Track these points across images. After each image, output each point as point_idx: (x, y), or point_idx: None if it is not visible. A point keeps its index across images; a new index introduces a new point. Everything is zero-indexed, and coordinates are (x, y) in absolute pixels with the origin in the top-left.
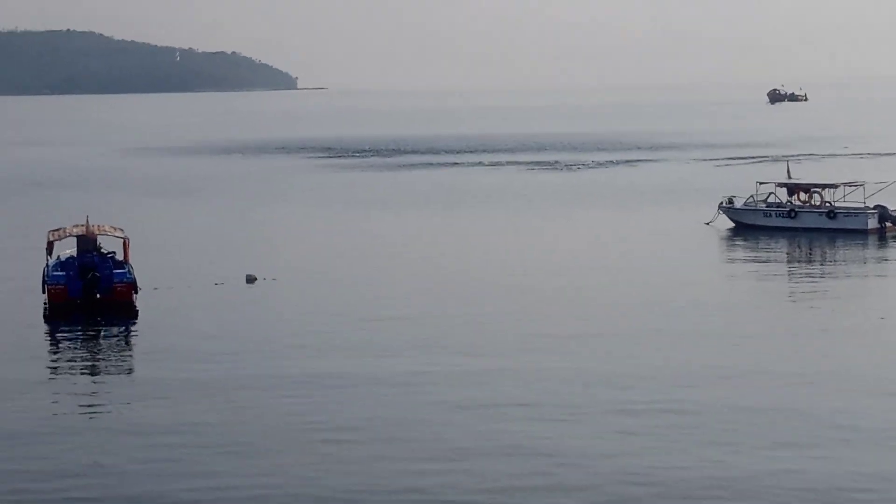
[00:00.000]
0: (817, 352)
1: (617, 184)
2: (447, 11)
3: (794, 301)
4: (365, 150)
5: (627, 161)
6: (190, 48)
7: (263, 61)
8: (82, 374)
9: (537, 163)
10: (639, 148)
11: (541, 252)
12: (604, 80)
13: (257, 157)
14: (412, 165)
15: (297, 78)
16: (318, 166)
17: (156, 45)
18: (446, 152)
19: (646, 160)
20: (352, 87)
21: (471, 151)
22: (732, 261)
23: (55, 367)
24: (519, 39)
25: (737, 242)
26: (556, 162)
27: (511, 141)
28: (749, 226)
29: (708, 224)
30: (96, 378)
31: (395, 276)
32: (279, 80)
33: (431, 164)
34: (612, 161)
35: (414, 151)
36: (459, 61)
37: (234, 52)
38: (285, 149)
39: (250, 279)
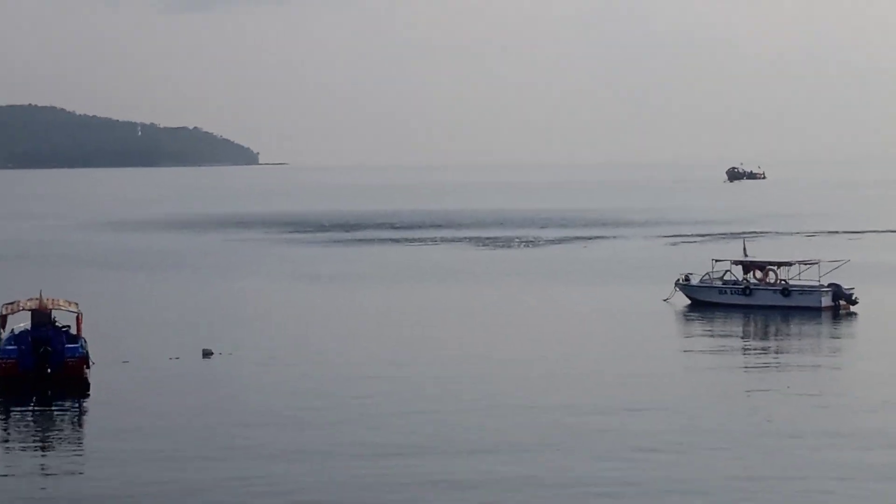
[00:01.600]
0: (768, 420)
1: (576, 260)
2: (408, 88)
3: (747, 372)
4: (325, 226)
5: (587, 238)
6: (152, 123)
7: (225, 136)
8: (32, 448)
9: (496, 238)
10: (600, 224)
11: (498, 327)
12: (568, 156)
13: (217, 232)
14: (372, 241)
15: (258, 153)
16: (278, 241)
17: (117, 120)
18: (406, 227)
19: (605, 237)
20: (311, 162)
21: (431, 226)
22: (688, 336)
23: (4, 442)
24: (481, 114)
25: (693, 319)
26: (515, 238)
27: (471, 216)
28: (705, 303)
29: (665, 301)
30: (46, 453)
31: (353, 351)
32: (240, 156)
33: (391, 240)
34: (572, 237)
35: (374, 226)
36: (419, 137)
37: (195, 128)
38: (245, 223)
39: (207, 353)
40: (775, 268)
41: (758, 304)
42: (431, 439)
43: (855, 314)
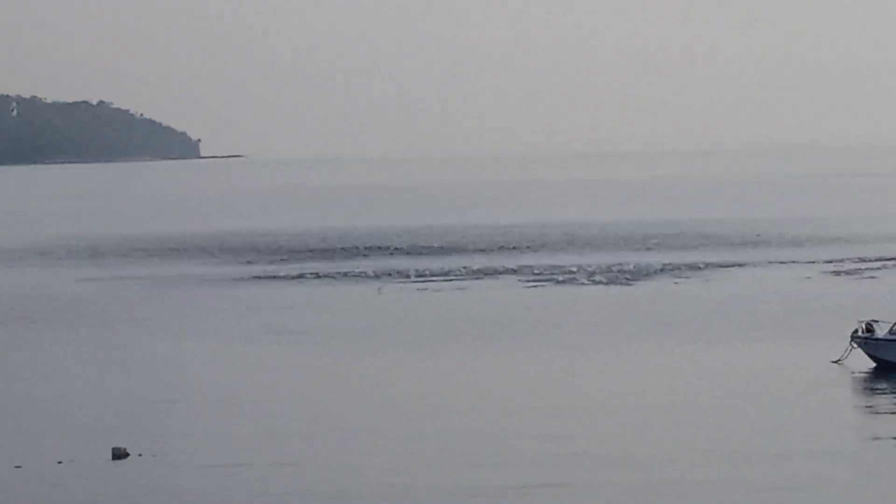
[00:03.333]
0: None
1: (699, 302)
2: (391, 59)
3: None
4: (298, 252)
5: (711, 265)
6: (34, 97)
7: (150, 116)
8: None
9: (555, 269)
10: (726, 244)
11: (591, 403)
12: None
13: (136, 265)
14: (366, 276)
15: (199, 141)
16: (227, 277)
17: None
18: (415, 253)
19: (735, 264)
20: (274, 154)
21: (452, 250)
22: (875, 414)
23: None
24: (482, 93)
25: (880, 389)
26: (587, 267)
27: (510, 234)
28: None
29: (836, 363)
30: None
31: (340, 455)
32: (173, 145)
33: (396, 274)
34: (687, 265)
35: (368, 252)
36: (408, 121)
37: (102, 103)
38: (180, 250)
39: (118, 454)
40: None
41: None
42: None
43: None
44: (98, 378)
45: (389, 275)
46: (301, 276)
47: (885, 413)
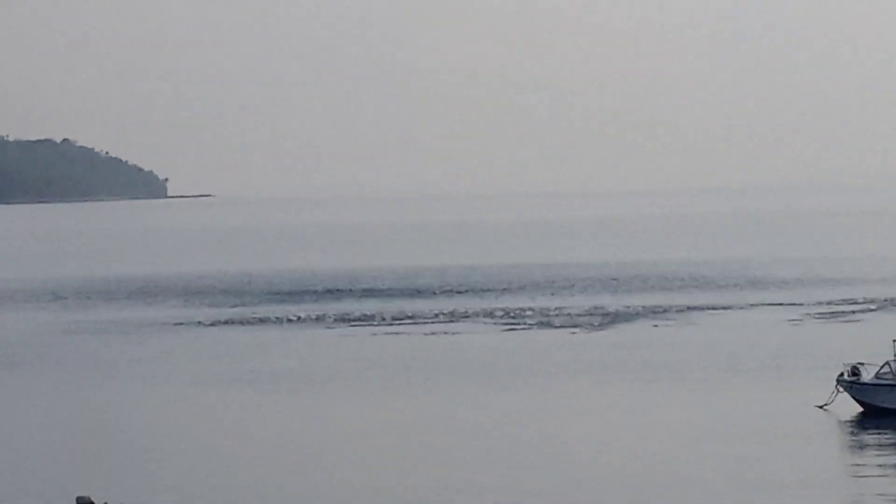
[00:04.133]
0: None
1: (681, 346)
2: (369, 95)
3: None
4: (268, 294)
5: (694, 308)
6: None
7: (116, 155)
8: None
9: (538, 312)
10: (713, 286)
11: (587, 449)
12: (610, 183)
13: (101, 307)
14: (352, 319)
15: (166, 181)
16: (198, 321)
17: None
18: (388, 295)
19: (723, 306)
20: (245, 194)
21: (426, 293)
22: (859, 462)
23: None
24: (457, 134)
25: (866, 434)
26: (573, 312)
27: (489, 276)
28: (884, 409)
29: (822, 407)
30: None
31: (304, 495)
32: (140, 184)
33: (366, 316)
34: (673, 308)
35: (338, 294)
36: (384, 160)
37: (67, 141)
38: (148, 293)
39: (83, 503)
40: None
41: None
42: None
43: None
44: (60, 424)
45: (360, 318)
46: (270, 319)
47: (870, 461)
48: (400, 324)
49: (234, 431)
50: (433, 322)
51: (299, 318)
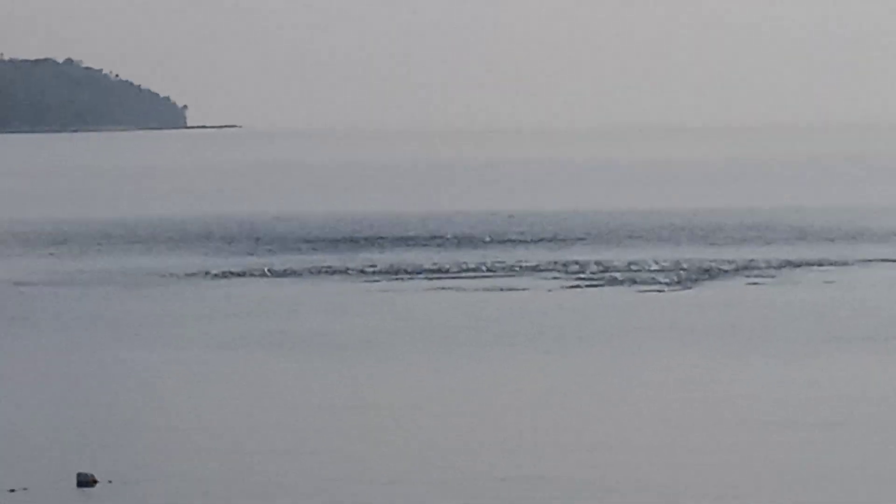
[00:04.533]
0: None
1: (785, 309)
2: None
3: None
4: (298, 242)
5: (799, 264)
6: None
7: (127, 78)
8: None
9: (613, 267)
10: (820, 239)
11: (647, 433)
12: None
13: (110, 254)
14: (391, 272)
15: (185, 108)
16: (217, 271)
17: None
18: (445, 244)
19: (832, 262)
20: (273, 125)
21: (480, 243)
22: None
23: None
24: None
25: None
26: (653, 268)
27: (552, 224)
28: None
29: None
30: None
31: (324, 476)
32: (156, 112)
33: (425, 272)
34: (771, 263)
35: (380, 242)
36: (425, 90)
37: (70, 61)
38: (160, 239)
39: (84, 480)
40: None
41: None
42: None
43: None
44: (59, 392)
45: (400, 271)
46: (297, 271)
47: None
48: (447, 277)
49: (256, 403)
50: (484, 276)
51: (330, 269)
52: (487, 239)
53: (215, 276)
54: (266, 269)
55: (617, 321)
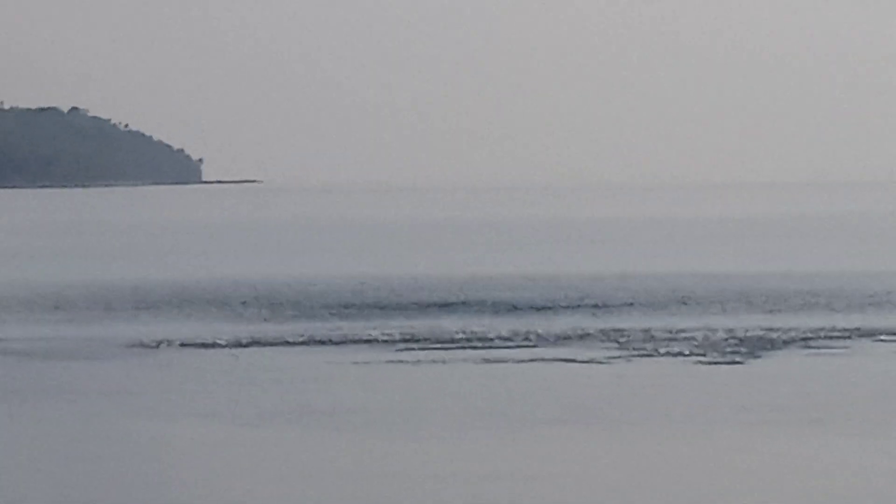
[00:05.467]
0: None
1: (848, 384)
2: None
3: None
4: (342, 306)
5: (864, 333)
6: None
7: (134, 127)
8: None
9: (656, 337)
10: (889, 304)
11: None
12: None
13: (116, 321)
14: (431, 341)
15: (201, 162)
16: (233, 339)
17: None
18: (468, 311)
19: None
20: (295, 179)
21: (512, 308)
22: None
23: None
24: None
25: None
26: (701, 338)
27: (605, 289)
28: None
29: None
30: None
31: None
32: (167, 165)
33: (466, 343)
34: (830, 333)
35: (431, 309)
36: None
37: (73, 110)
38: (172, 304)
39: None
40: None
41: None
42: None
43: None
44: (61, 467)
45: (438, 339)
46: (329, 339)
47: None
48: (483, 347)
49: (276, 480)
50: (526, 346)
51: (356, 337)
52: (532, 305)
53: (233, 344)
54: (287, 338)
55: (673, 397)
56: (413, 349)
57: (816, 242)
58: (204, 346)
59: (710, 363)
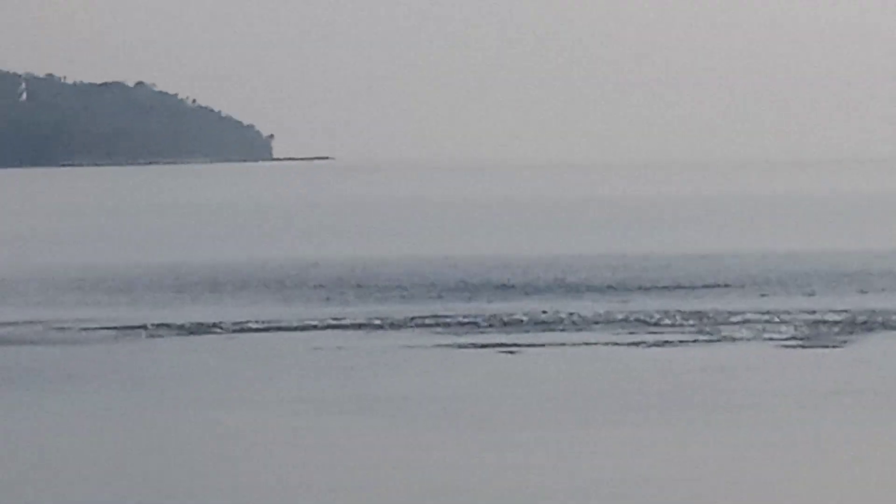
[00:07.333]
0: None
1: None
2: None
3: None
4: (408, 287)
5: None
6: (49, 75)
7: (202, 103)
8: None
9: (738, 319)
10: None
11: None
12: None
13: (175, 304)
14: (505, 323)
15: (271, 138)
16: (298, 322)
17: None
18: (567, 291)
19: None
20: (368, 156)
21: (623, 289)
22: None
23: None
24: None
25: None
26: (788, 320)
27: (695, 270)
28: None
29: None
30: None
31: None
32: (236, 142)
33: (544, 323)
34: None
35: (511, 291)
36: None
37: (139, 84)
38: (240, 284)
39: None
40: None
41: None
42: None
43: None
44: (107, 455)
45: (511, 322)
46: (397, 323)
47: None
48: (559, 329)
49: (340, 471)
50: (609, 327)
51: (433, 319)
52: (625, 286)
53: (304, 328)
54: (356, 321)
55: (773, 382)
56: (487, 332)
57: None
58: (279, 328)
59: (807, 347)
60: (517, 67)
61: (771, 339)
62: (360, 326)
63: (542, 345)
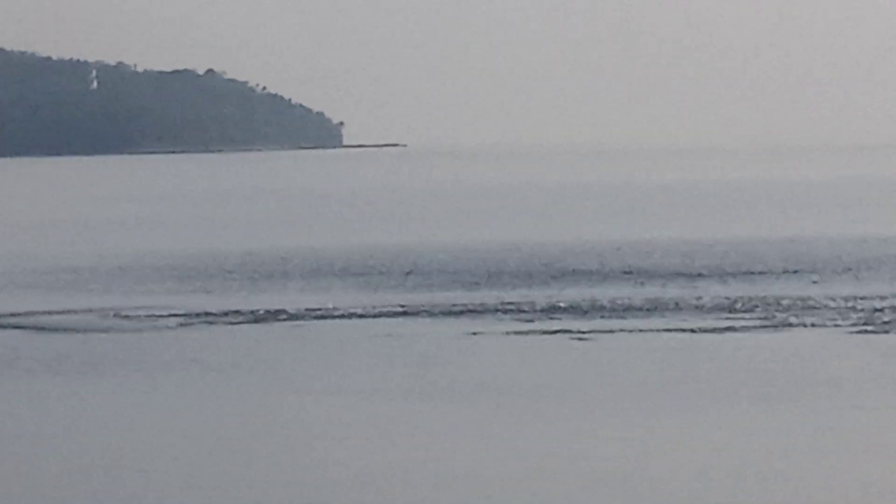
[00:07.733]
0: None
1: None
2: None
3: None
4: (476, 274)
5: None
6: (121, 63)
7: (271, 90)
8: None
9: (801, 305)
10: None
11: None
12: None
13: (243, 291)
14: (563, 309)
15: (341, 125)
16: (375, 309)
17: (54, 59)
18: (639, 277)
19: None
20: (441, 143)
21: (686, 275)
22: None
23: None
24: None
25: None
26: (848, 307)
27: (754, 254)
28: None
29: None
30: None
31: None
32: (306, 129)
33: (611, 310)
34: None
35: (563, 279)
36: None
37: (209, 72)
38: (312, 271)
39: None
40: None
41: None
42: None
43: None
44: (191, 447)
45: (583, 308)
46: (459, 308)
47: None
48: (629, 316)
49: (418, 459)
50: (682, 314)
51: (503, 305)
52: (688, 272)
53: (370, 315)
54: (423, 307)
55: (838, 368)
56: (559, 318)
57: None
58: (344, 315)
59: (867, 332)
60: (593, 54)
61: (838, 325)
62: (427, 313)
63: (612, 331)
